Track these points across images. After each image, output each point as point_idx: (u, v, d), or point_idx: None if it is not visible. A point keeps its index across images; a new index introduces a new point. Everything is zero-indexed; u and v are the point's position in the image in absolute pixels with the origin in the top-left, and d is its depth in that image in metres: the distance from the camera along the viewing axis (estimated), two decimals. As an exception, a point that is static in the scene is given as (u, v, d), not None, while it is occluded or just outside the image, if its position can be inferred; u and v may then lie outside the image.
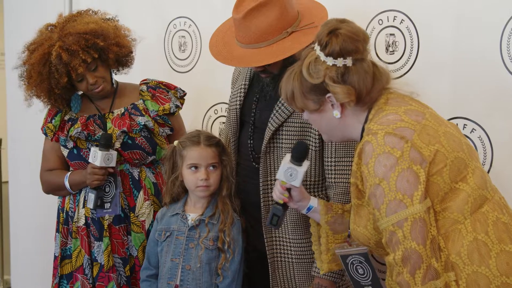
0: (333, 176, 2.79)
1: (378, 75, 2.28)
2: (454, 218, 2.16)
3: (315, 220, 2.61)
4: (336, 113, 2.28)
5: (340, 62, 2.22)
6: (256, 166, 2.88)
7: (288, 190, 2.52)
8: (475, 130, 2.93)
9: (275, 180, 2.78)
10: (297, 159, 2.48)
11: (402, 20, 3.06)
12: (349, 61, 2.22)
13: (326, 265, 2.60)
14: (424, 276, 2.08)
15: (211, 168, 2.92)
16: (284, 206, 2.54)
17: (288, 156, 2.51)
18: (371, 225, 2.28)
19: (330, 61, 2.22)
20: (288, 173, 2.49)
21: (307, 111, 2.34)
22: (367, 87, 2.24)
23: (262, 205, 2.86)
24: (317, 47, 2.26)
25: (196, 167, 2.91)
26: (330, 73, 2.22)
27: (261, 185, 2.86)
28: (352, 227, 2.37)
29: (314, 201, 2.58)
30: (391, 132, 2.13)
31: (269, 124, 2.81)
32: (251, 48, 2.68)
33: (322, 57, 2.24)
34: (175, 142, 2.99)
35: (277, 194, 2.53)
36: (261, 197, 2.86)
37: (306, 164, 2.50)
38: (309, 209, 2.57)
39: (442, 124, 2.24)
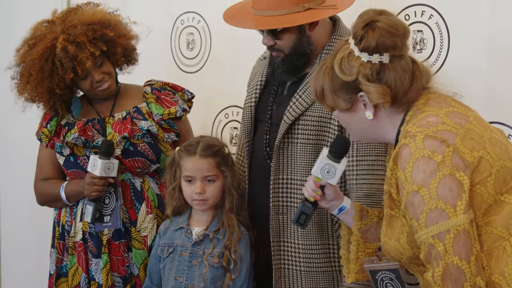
0: (354, 177, 2.69)
1: (418, 74, 2.19)
2: (498, 233, 2.04)
3: (346, 224, 2.55)
4: (369, 114, 2.20)
5: (375, 58, 2.14)
6: (270, 164, 2.79)
7: (321, 188, 2.47)
8: (513, 137, 2.88)
9: (287, 178, 2.75)
10: (337, 155, 2.43)
11: (431, 15, 2.98)
12: (385, 58, 2.14)
13: (353, 275, 2.54)
14: None
15: (208, 181, 2.82)
16: (315, 204, 2.49)
17: (325, 151, 2.46)
18: (404, 238, 2.17)
19: (364, 57, 2.14)
20: (325, 170, 2.44)
21: (337, 110, 2.26)
22: (405, 87, 2.16)
23: (271, 205, 2.76)
24: (351, 41, 2.18)
25: (191, 180, 2.83)
26: (364, 70, 2.14)
27: (271, 183, 2.76)
28: (383, 239, 2.26)
29: (347, 202, 2.52)
30: (431, 135, 2.03)
31: (285, 117, 2.73)
32: (263, 15, 2.66)
33: (356, 52, 2.15)
34: (177, 149, 2.91)
35: (309, 191, 2.47)
36: (271, 196, 2.76)
37: (344, 161, 2.47)
38: (341, 209, 2.51)
39: (487, 129, 2.14)
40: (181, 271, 2.80)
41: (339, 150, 2.42)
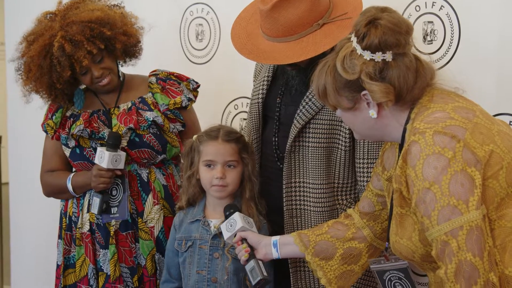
0: (365, 179, 2.70)
1: (422, 71, 2.17)
2: None
3: (294, 256, 2.63)
4: (372, 112, 2.18)
5: (378, 56, 2.11)
6: (281, 166, 2.79)
7: (244, 241, 2.59)
8: (522, 128, 2.85)
9: (299, 181, 2.75)
10: (231, 211, 2.64)
11: (442, 6, 2.95)
12: (388, 56, 2.11)
13: None
14: None
15: (228, 166, 2.77)
16: (252, 258, 2.55)
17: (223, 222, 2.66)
18: (417, 237, 2.16)
19: (367, 55, 2.11)
20: (229, 225, 2.61)
21: (340, 109, 2.23)
22: (408, 85, 2.13)
23: (285, 208, 2.76)
24: (354, 39, 2.14)
25: (212, 164, 2.77)
26: (367, 69, 2.11)
27: (284, 187, 2.76)
28: (394, 239, 2.25)
29: (275, 237, 2.59)
30: (440, 130, 2.01)
31: (295, 121, 2.71)
32: (279, 42, 2.58)
33: (359, 50, 2.12)
34: (194, 137, 2.86)
35: (239, 253, 2.57)
36: (284, 199, 2.76)
37: (238, 214, 2.61)
38: (275, 245, 2.55)
39: (494, 122, 2.13)
40: (202, 265, 2.76)
41: (233, 209, 2.63)
